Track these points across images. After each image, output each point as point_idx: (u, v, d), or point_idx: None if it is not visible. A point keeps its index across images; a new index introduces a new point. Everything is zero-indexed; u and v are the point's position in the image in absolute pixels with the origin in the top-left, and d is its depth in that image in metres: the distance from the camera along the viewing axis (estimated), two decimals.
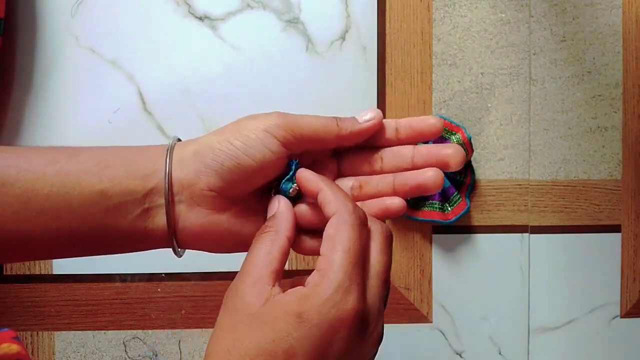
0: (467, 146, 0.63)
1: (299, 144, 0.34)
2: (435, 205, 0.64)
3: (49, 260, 0.64)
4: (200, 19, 0.65)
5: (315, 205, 0.34)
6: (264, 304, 0.28)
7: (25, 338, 0.64)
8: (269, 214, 0.33)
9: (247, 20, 0.65)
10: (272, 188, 0.35)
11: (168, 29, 0.65)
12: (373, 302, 0.30)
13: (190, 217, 0.33)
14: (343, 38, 0.66)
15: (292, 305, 0.28)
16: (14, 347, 0.50)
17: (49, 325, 0.65)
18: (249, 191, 0.34)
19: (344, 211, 0.30)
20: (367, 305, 0.29)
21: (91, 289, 0.65)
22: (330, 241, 0.30)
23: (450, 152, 0.34)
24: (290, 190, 0.34)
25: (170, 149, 0.33)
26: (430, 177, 0.34)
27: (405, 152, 0.36)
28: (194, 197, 0.33)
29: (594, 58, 0.67)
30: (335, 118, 0.34)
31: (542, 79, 0.67)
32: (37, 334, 0.65)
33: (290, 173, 0.34)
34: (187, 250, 0.35)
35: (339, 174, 0.37)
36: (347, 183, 0.36)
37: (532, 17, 0.67)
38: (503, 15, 0.67)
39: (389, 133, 0.36)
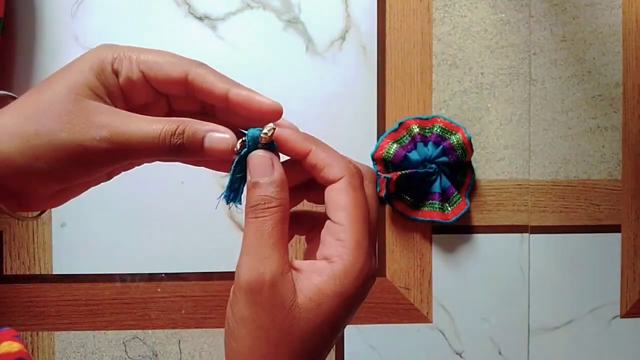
0: (467, 146, 0.63)
1: (129, 159, 0.30)
2: (435, 205, 0.64)
3: (49, 260, 0.64)
4: (200, 19, 0.65)
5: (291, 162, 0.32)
6: (298, 291, 0.29)
7: (25, 338, 0.64)
8: (256, 172, 0.29)
9: (247, 20, 0.65)
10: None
11: (168, 29, 0.65)
12: (373, 253, 0.32)
13: (23, 202, 0.30)
14: (343, 38, 0.66)
15: (331, 287, 0.29)
16: (15, 346, 0.50)
17: (49, 325, 0.65)
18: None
19: (350, 175, 0.31)
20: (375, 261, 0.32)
21: (91, 289, 0.65)
22: (345, 210, 0.30)
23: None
24: (262, 136, 0.30)
25: None
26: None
27: None
28: (21, 197, 0.30)
29: (594, 58, 0.67)
30: (180, 134, 0.29)
31: (542, 79, 0.67)
32: (37, 334, 0.65)
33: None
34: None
35: None
36: None
37: (532, 17, 0.67)
38: (503, 15, 0.67)
39: (212, 98, 0.32)
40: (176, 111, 0.33)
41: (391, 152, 0.64)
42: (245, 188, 0.30)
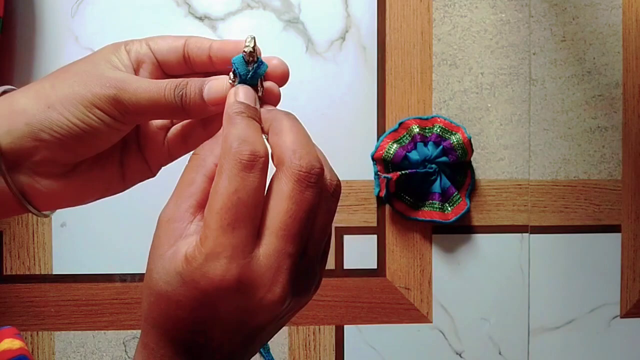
0: (467, 146, 0.63)
1: (138, 118, 0.31)
2: (435, 205, 0.64)
3: (49, 260, 0.64)
4: (200, 19, 0.65)
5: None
6: (173, 246, 0.27)
7: (25, 338, 0.64)
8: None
9: (247, 20, 0.65)
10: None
11: (168, 29, 0.65)
12: (265, 263, 0.26)
13: (38, 184, 0.31)
14: (343, 38, 0.66)
15: (179, 264, 0.26)
16: (16, 343, 0.50)
17: (49, 325, 0.65)
18: (97, 153, 0.32)
19: (223, 153, 0.26)
20: (248, 269, 0.26)
21: (91, 289, 0.65)
22: (210, 195, 0.26)
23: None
24: (244, 52, 0.30)
25: None
26: None
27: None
28: (34, 168, 0.30)
29: (594, 58, 0.67)
30: (181, 89, 0.30)
31: (542, 79, 0.67)
32: (37, 334, 0.65)
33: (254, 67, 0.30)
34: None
35: None
36: None
37: (532, 17, 0.67)
38: (503, 15, 0.67)
39: (203, 59, 0.32)
40: None
41: (391, 152, 0.64)
42: None
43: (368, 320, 0.66)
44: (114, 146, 0.32)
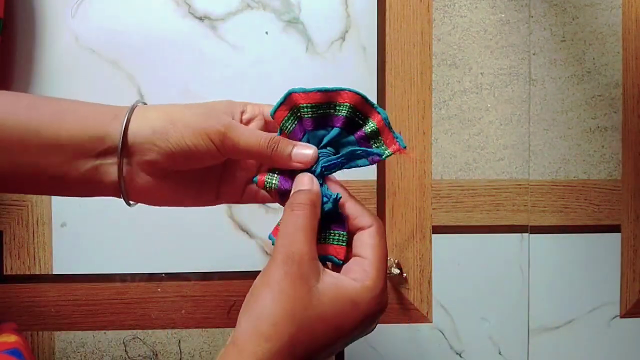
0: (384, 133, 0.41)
1: (234, 154, 0.40)
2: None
3: (49, 260, 0.65)
4: (200, 19, 0.65)
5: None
6: (320, 280, 0.35)
7: (26, 338, 0.64)
8: (301, 184, 0.39)
9: (247, 20, 0.65)
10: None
11: (168, 29, 0.65)
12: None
13: (137, 178, 0.40)
14: (343, 38, 0.66)
15: (351, 293, 0.35)
16: (12, 337, 0.50)
17: (49, 325, 0.65)
18: (190, 169, 0.41)
19: (380, 226, 0.39)
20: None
21: (91, 289, 0.65)
22: (373, 249, 0.38)
23: None
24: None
25: (127, 119, 0.38)
26: None
27: None
28: (141, 165, 0.39)
29: (593, 58, 0.67)
30: (274, 144, 0.39)
31: (541, 79, 0.67)
32: (37, 334, 0.65)
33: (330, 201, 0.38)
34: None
35: None
36: None
37: (532, 17, 0.67)
38: (503, 16, 0.67)
39: None
40: None
41: None
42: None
43: None
44: (214, 169, 0.42)
